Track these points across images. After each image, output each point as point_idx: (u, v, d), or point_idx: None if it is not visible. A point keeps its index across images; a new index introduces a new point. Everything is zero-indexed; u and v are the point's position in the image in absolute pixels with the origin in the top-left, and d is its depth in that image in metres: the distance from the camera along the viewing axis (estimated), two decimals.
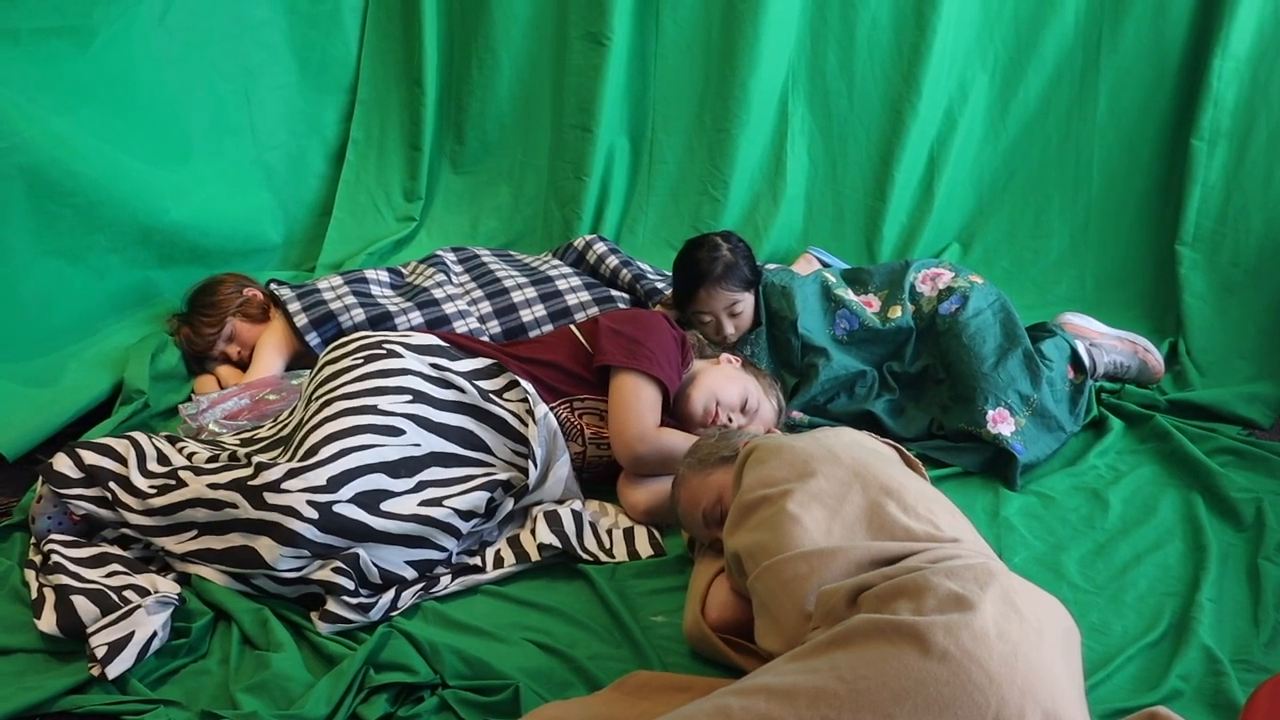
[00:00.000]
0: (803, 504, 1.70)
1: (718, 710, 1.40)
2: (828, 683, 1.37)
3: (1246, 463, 2.52)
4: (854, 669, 1.36)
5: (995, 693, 1.30)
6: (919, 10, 3.40)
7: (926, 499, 1.73)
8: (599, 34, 3.50)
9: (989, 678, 1.31)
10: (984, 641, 1.35)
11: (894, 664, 1.34)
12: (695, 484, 2.05)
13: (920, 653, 1.35)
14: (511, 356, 2.37)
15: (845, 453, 1.80)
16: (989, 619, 1.38)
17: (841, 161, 3.61)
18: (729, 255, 2.75)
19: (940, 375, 2.70)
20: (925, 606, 1.41)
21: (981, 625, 1.36)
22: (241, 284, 2.97)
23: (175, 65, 3.10)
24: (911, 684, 1.32)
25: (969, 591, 1.41)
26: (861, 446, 1.87)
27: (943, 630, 1.36)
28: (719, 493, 1.99)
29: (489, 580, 2.13)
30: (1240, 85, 3.16)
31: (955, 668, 1.32)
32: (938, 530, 1.65)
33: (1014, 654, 1.35)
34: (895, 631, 1.37)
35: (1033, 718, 1.30)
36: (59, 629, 1.87)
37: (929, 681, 1.32)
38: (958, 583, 1.43)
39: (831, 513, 1.69)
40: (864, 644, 1.39)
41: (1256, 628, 1.98)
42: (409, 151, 3.74)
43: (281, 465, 2.01)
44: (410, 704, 1.80)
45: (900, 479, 1.76)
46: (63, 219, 2.74)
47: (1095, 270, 3.41)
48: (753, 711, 1.37)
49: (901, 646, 1.36)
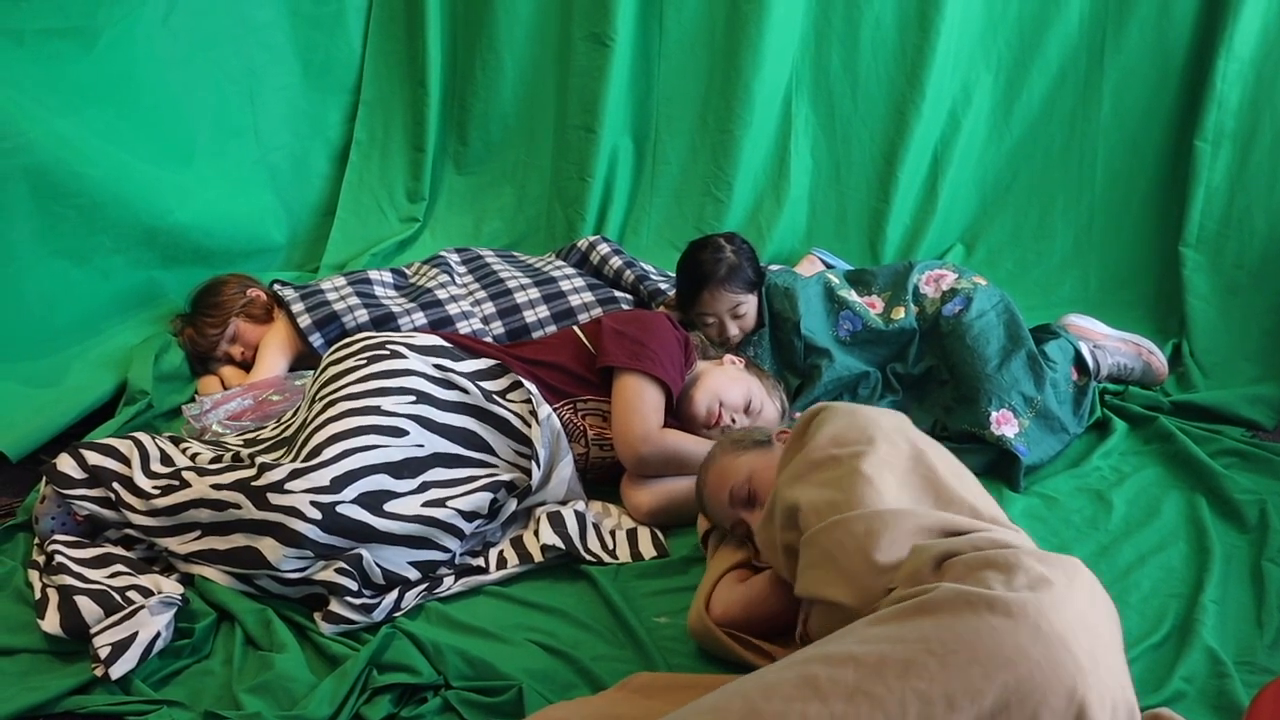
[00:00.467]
0: (875, 467, 1.70)
1: (804, 680, 1.36)
2: (917, 655, 1.33)
3: (1250, 464, 2.51)
4: (944, 642, 1.34)
5: (1083, 680, 1.29)
6: (923, 11, 3.40)
7: (978, 488, 1.76)
8: (602, 35, 3.50)
9: (1078, 665, 1.30)
10: (1074, 628, 1.33)
11: (987, 639, 1.32)
12: (726, 462, 2.05)
13: (1013, 629, 1.32)
14: (515, 357, 2.37)
15: (907, 430, 1.82)
16: (1078, 607, 1.37)
17: (845, 162, 3.61)
18: (732, 257, 2.75)
19: (944, 377, 2.69)
20: (1016, 583, 1.39)
21: (1075, 612, 1.36)
22: (245, 284, 2.97)
23: (179, 66, 3.10)
24: (1003, 660, 1.30)
25: (1058, 578, 1.40)
26: (915, 430, 1.87)
27: (1036, 609, 1.34)
28: (749, 473, 1.99)
29: (492, 581, 2.13)
30: (1244, 86, 3.15)
31: (1047, 649, 1.31)
32: (997, 519, 1.67)
33: (1096, 646, 1.34)
34: (989, 606, 1.35)
35: (1115, 710, 1.31)
36: (62, 629, 1.87)
37: (1021, 660, 1.30)
38: (1048, 567, 1.42)
39: (900, 481, 1.70)
40: (954, 615, 1.37)
41: (1260, 629, 1.98)
42: (412, 152, 3.74)
43: (285, 466, 2.02)
44: (413, 705, 1.80)
45: (955, 465, 1.79)
46: (67, 220, 2.74)
47: (1099, 271, 3.41)
48: (841, 683, 1.34)
49: (994, 621, 1.33)
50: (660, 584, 2.13)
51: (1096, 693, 1.30)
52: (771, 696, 1.36)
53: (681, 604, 2.05)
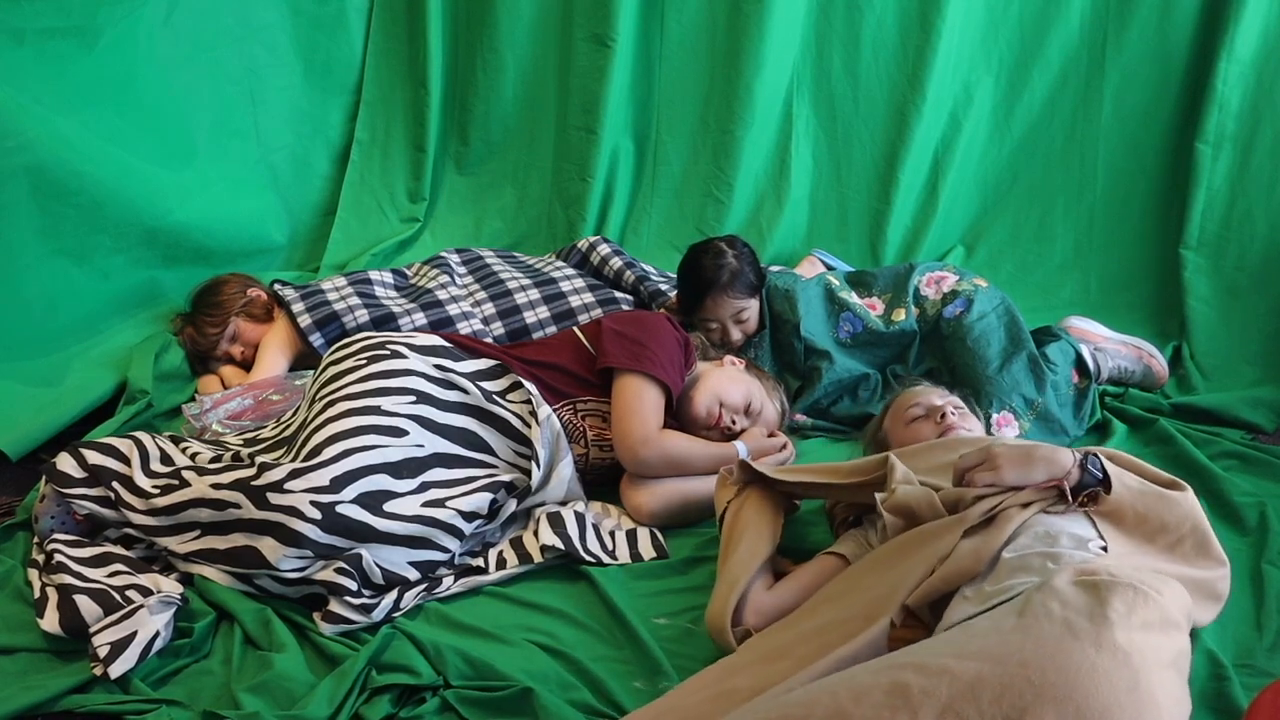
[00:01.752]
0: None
1: (896, 688, 1.36)
2: (1014, 680, 1.33)
3: (1250, 467, 2.51)
4: (1043, 671, 1.33)
5: (1158, 716, 1.30)
6: (924, 12, 3.40)
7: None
8: (604, 35, 3.50)
9: (1154, 702, 1.31)
10: (1157, 657, 1.34)
11: (1085, 681, 1.31)
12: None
13: (1111, 676, 1.32)
14: (515, 358, 2.37)
15: None
16: (1166, 641, 1.38)
17: (846, 164, 3.61)
18: (734, 262, 2.75)
19: (944, 379, 2.69)
20: (1133, 620, 1.40)
21: (1165, 644, 1.37)
22: (245, 284, 2.97)
23: (180, 66, 3.11)
24: (1099, 709, 1.29)
25: (1147, 606, 1.41)
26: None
27: (1140, 658, 1.34)
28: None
29: (492, 581, 2.13)
30: (1245, 89, 3.16)
31: (1138, 708, 1.30)
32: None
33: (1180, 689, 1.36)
34: (1094, 643, 1.35)
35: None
36: (62, 628, 1.87)
37: (1108, 689, 1.30)
38: (1137, 594, 1.43)
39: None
40: (1057, 645, 1.37)
41: (1259, 632, 1.97)
42: (413, 152, 3.74)
43: (285, 465, 2.02)
44: (412, 705, 1.80)
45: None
46: (67, 219, 2.74)
47: (1099, 273, 3.40)
48: (934, 698, 1.34)
49: (1095, 660, 1.33)
50: (660, 585, 2.13)
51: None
52: (861, 700, 1.35)
53: (681, 605, 2.05)
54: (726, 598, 1.88)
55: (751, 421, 2.45)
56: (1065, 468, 1.78)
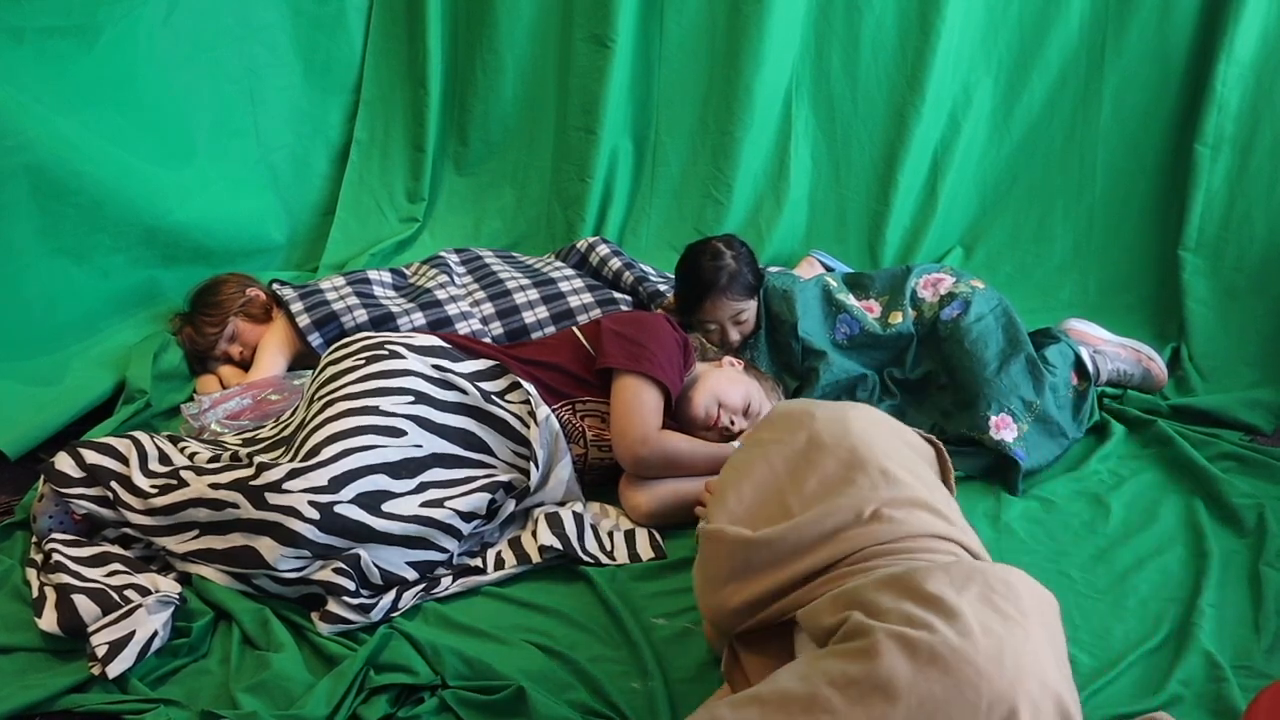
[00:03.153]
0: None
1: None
2: (820, 690, 1.37)
3: (1248, 468, 2.52)
4: (846, 675, 1.36)
5: (987, 688, 1.30)
6: (923, 13, 3.40)
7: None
8: (603, 36, 3.50)
9: (978, 673, 1.31)
10: (970, 639, 1.34)
11: (884, 671, 1.34)
12: None
13: (910, 657, 1.34)
14: (514, 358, 2.37)
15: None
16: (972, 618, 1.37)
17: (845, 164, 3.61)
18: (733, 264, 2.74)
19: (942, 381, 2.69)
20: (909, 609, 1.40)
21: (965, 625, 1.36)
22: (244, 284, 2.97)
23: (180, 66, 3.11)
24: (903, 688, 1.32)
25: (948, 595, 1.41)
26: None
27: (929, 632, 1.35)
28: None
29: (490, 582, 2.13)
30: (1244, 90, 3.15)
31: (945, 668, 1.32)
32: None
33: (1000, 649, 1.34)
34: (886, 636, 1.37)
35: (1024, 707, 1.30)
36: (60, 628, 1.87)
37: (920, 684, 1.32)
38: (937, 585, 1.42)
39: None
40: (854, 651, 1.39)
41: (1258, 634, 1.98)
42: (413, 152, 3.74)
43: (283, 465, 2.02)
44: (410, 705, 1.81)
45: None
46: (67, 218, 2.74)
47: (1098, 275, 3.40)
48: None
49: (891, 652, 1.35)
50: (658, 586, 2.13)
51: (1007, 698, 1.30)
52: None
53: (679, 606, 2.05)
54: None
55: (750, 422, 2.45)
56: None
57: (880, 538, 1.59)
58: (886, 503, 1.63)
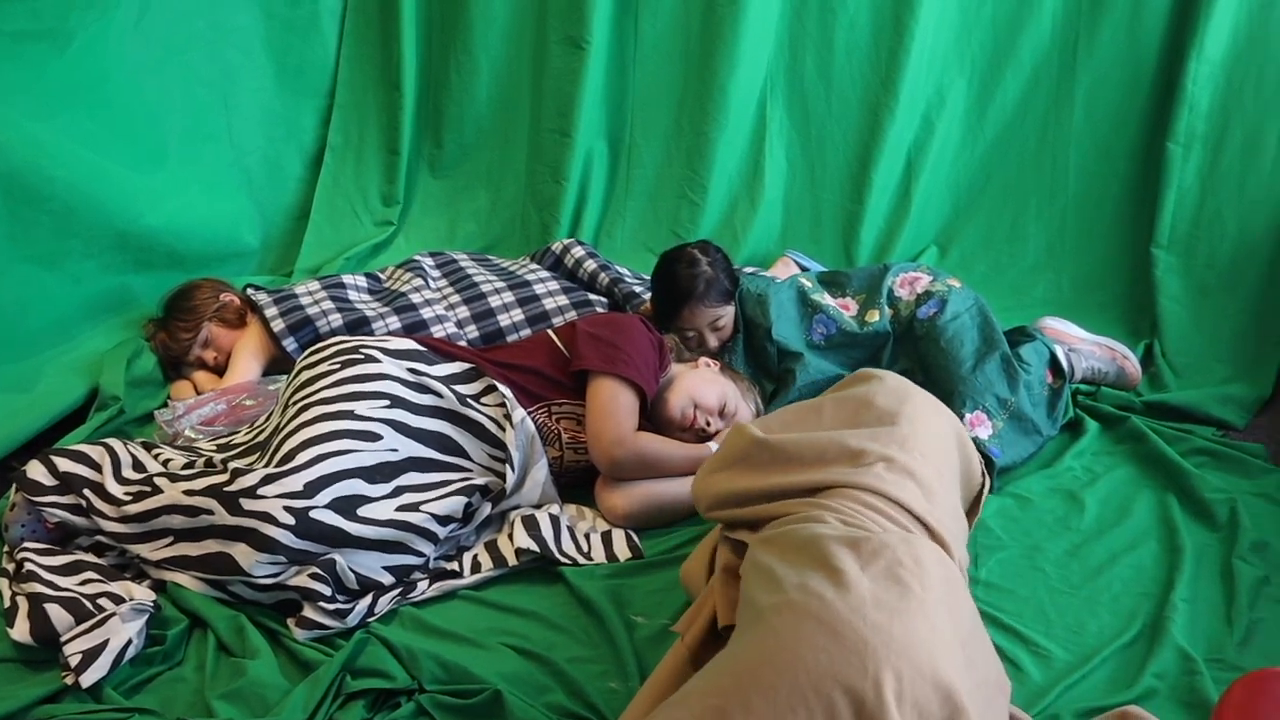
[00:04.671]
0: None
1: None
2: (717, 677, 1.41)
3: (1221, 463, 2.53)
4: (737, 658, 1.40)
5: (871, 656, 1.31)
6: (897, 14, 3.41)
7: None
8: (578, 37, 3.50)
9: (864, 642, 1.32)
10: (860, 611, 1.35)
11: (771, 643, 1.37)
12: None
13: (796, 625, 1.37)
14: (489, 361, 2.37)
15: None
16: (866, 592, 1.38)
17: (819, 165, 3.62)
18: (709, 270, 2.74)
19: (918, 379, 2.69)
20: (807, 579, 1.43)
21: (857, 598, 1.37)
22: (218, 289, 2.96)
23: (152, 70, 3.09)
24: (790, 657, 1.34)
25: (850, 567, 1.42)
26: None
27: (819, 601, 1.38)
28: None
29: (466, 585, 2.13)
30: (1214, 89, 3.18)
31: (831, 635, 1.34)
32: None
33: (890, 621, 1.35)
34: (774, 610, 1.40)
35: (888, 681, 1.30)
36: (32, 637, 1.86)
37: (808, 651, 1.33)
38: (843, 558, 1.45)
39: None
40: (748, 629, 1.43)
41: (1230, 627, 1.99)
42: (387, 156, 3.73)
43: (258, 471, 2.01)
44: (387, 710, 1.80)
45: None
46: (38, 224, 2.72)
47: (1072, 273, 3.42)
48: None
49: (782, 623, 1.38)
50: (636, 585, 2.13)
51: (893, 668, 1.31)
52: None
53: (657, 604, 2.06)
54: (702, 552, 1.95)
55: (726, 423, 2.45)
56: None
57: (858, 483, 1.62)
58: (885, 459, 1.66)
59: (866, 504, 1.59)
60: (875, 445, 1.68)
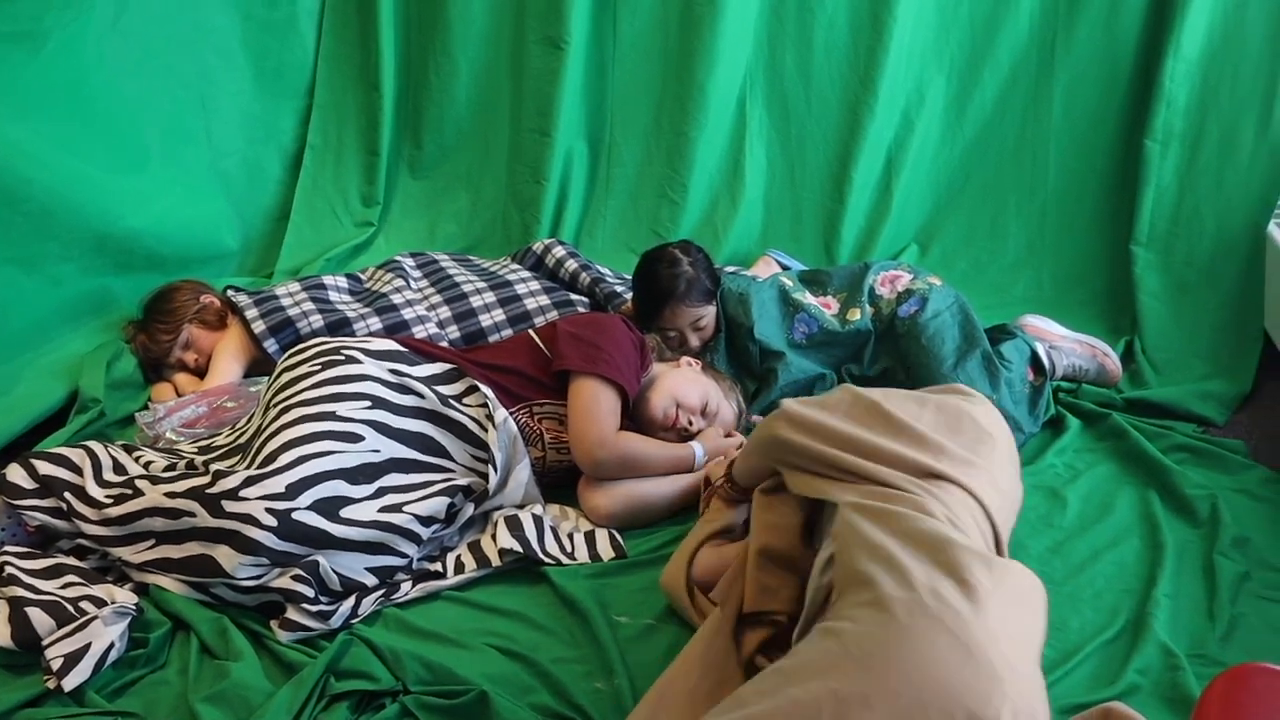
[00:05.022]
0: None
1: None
2: (839, 659, 1.37)
3: (1201, 460, 2.54)
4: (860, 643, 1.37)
5: (999, 691, 1.31)
6: (875, 13, 3.42)
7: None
8: (557, 38, 3.50)
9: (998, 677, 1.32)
10: (996, 641, 1.36)
11: (903, 648, 1.35)
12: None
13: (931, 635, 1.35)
14: (471, 361, 2.37)
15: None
16: (997, 617, 1.39)
17: (799, 163, 3.63)
18: (690, 270, 2.75)
19: (900, 377, 2.70)
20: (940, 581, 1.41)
21: (995, 620, 1.38)
22: (198, 291, 2.95)
23: (130, 71, 3.07)
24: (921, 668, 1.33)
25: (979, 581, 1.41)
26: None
27: (955, 616, 1.37)
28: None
29: (450, 586, 2.12)
30: (1191, 86, 3.19)
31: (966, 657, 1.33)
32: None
33: (1020, 658, 1.37)
34: (906, 610, 1.38)
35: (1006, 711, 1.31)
36: (13, 641, 1.85)
37: (941, 669, 1.32)
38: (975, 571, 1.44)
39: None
40: (866, 611, 1.41)
41: (1212, 622, 2.00)
42: (366, 156, 3.72)
43: (239, 473, 2.00)
44: (372, 711, 1.80)
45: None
46: (16, 227, 2.70)
47: (1052, 270, 3.43)
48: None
49: (916, 627, 1.36)
50: (620, 584, 2.13)
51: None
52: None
53: (641, 604, 2.06)
54: (679, 560, 1.98)
55: (708, 422, 2.46)
56: None
57: (971, 487, 1.62)
58: (989, 473, 1.67)
59: (969, 510, 1.59)
60: (980, 459, 1.69)
